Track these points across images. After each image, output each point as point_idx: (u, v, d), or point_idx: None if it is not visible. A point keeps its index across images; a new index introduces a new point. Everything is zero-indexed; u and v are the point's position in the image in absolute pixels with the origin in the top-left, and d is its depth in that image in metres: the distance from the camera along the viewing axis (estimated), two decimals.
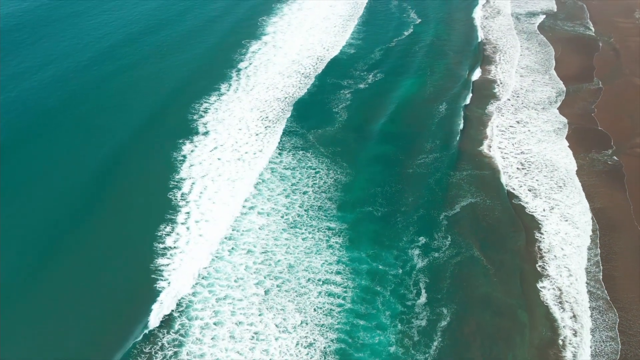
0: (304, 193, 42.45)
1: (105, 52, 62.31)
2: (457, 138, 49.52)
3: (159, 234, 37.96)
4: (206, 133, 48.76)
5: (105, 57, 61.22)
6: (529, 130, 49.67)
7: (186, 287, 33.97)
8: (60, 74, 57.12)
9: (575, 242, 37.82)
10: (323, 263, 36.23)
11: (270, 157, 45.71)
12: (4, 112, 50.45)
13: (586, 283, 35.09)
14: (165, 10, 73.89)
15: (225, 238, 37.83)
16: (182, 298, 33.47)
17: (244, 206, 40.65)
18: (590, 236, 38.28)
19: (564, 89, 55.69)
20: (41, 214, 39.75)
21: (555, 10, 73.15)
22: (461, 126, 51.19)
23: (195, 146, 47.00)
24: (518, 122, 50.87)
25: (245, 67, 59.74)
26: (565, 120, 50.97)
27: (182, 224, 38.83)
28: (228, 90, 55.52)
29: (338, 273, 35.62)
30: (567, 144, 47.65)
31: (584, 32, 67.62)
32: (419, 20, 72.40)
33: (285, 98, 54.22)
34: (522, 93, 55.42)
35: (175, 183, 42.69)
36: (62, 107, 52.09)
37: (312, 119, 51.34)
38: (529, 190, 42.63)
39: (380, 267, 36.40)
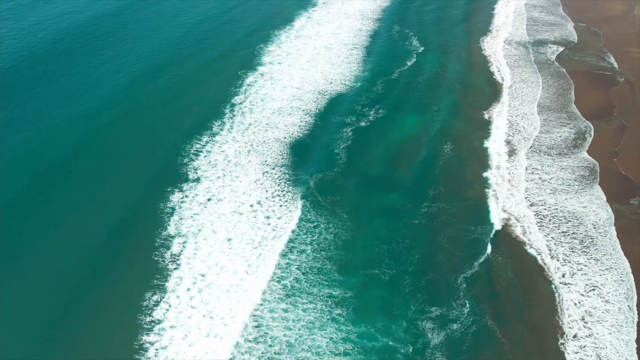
0: (302, 252, 38.97)
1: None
2: (465, 184, 46.18)
3: (144, 304, 34.39)
4: (197, 180, 45.24)
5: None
6: (548, 178, 46.33)
7: None
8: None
9: (607, 318, 34.20)
10: (328, 341, 32.62)
11: (268, 211, 42.13)
12: None
13: None
14: (157, 39, 70.50)
15: None
16: None
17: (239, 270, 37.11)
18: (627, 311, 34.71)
19: (586, 128, 52.31)
20: None
21: (575, 40, 69.59)
22: (469, 169, 47.87)
23: (186, 196, 43.45)
24: (536, 167, 47.50)
25: (241, 103, 56.32)
26: (590, 164, 47.58)
27: (172, 291, 35.23)
28: (221, 129, 52.05)
29: (346, 354, 32.01)
30: (594, 194, 44.10)
31: (597, 63, 64.39)
32: (422, 48, 69.21)
33: (285, 138, 50.79)
34: (539, 133, 51.99)
35: (162, 241, 39.11)
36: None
37: (312, 163, 47.94)
38: (549, 249, 39.19)
39: (390, 343, 32.90)
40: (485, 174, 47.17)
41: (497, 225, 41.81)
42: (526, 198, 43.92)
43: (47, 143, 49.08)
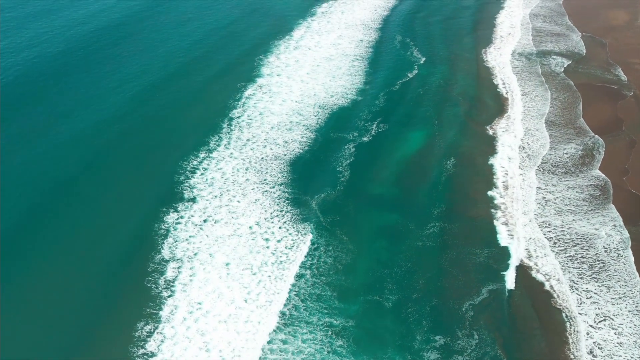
0: (301, 276, 37.52)
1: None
2: (470, 204, 44.78)
3: (137, 335, 32.92)
4: (193, 199, 43.81)
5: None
6: (555, 198, 44.90)
7: None
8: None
9: (620, 353, 32.67)
10: None
11: (267, 233, 40.70)
12: None
13: None
14: (153, 50, 69.17)
15: None
16: None
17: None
18: None
19: (594, 143, 50.89)
20: None
21: (581, 52, 68.01)
22: (474, 188, 46.47)
23: (181, 217, 42.00)
24: (542, 186, 46.07)
25: (239, 117, 54.95)
26: (601, 182, 46.06)
27: (167, 321, 33.74)
28: (219, 145, 50.66)
29: None
30: (607, 214, 42.59)
31: (603, 76, 62.94)
32: (423, 59, 67.88)
33: (284, 155, 49.38)
34: (546, 149, 50.56)
35: (156, 265, 37.66)
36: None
37: (313, 181, 46.52)
38: (557, 274, 37.69)
39: None
40: (490, 193, 45.74)
41: (504, 248, 40.35)
42: (533, 219, 42.43)
43: (46, 163, 47.76)
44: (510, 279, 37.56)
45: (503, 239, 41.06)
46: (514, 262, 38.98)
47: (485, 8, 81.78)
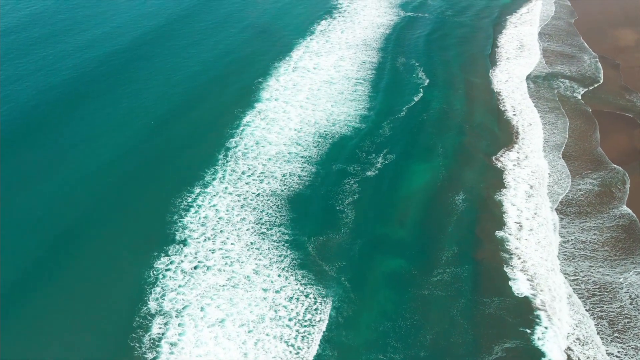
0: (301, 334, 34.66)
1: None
2: (479, 246, 41.98)
3: None
4: (184, 242, 41.01)
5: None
6: (575, 240, 42.06)
7: None
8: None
9: None
10: None
11: (265, 282, 37.86)
12: None
13: None
14: (150, 66, 66.49)
15: None
16: None
17: None
18: None
19: (613, 178, 47.99)
20: None
21: (592, 75, 65.15)
22: (483, 227, 43.70)
23: (171, 262, 39.21)
24: (562, 225, 43.25)
25: (235, 146, 52.19)
26: (626, 221, 43.03)
27: None
28: (214, 178, 47.89)
29: None
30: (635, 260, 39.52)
31: (616, 101, 60.09)
32: (427, 81, 65.08)
33: (282, 191, 46.60)
34: (565, 186, 47.74)
35: (141, 320, 34.83)
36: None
37: (313, 222, 43.67)
38: (575, 331, 34.83)
39: None
40: (500, 234, 42.93)
41: (518, 299, 37.52)
42: (548, 262, 39.57)
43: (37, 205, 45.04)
44: (521, 332, 34.73)
45: (515, 287, 38.22)
46: (527, 312, 36.18)
47: (491, 27, 78.99)
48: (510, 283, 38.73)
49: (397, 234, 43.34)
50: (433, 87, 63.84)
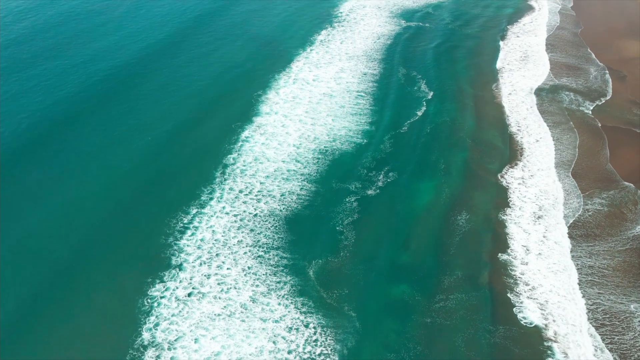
0: None
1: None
2: (486, 270, 40.56)
3: None
4: (180, 266, 39.59)
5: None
6: (584, 265, 40.60)
7: None
8: None
9: None
10: None
11: (264, 311, 36.38)
12: None
13: None
14: (151, 81, 65.11)
15: None
16: None
17: None
18: None
19: (625, 196, 46.52)
20: None
21: (599, 88, 63.61)
22: (488, 249, 42.28)
23: (166, 288, 37.78)
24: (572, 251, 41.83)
25: (233, 163, 50.78)
26: None
27: None
28: (211, 197, 46.47)
29: None
30: None
31: (624, 116, 58.66)
32: (431, 93, 63.68)
33: (281, 211, 45.17)
34: (577, 207, 46.25)
35: (134, 353, 33.42)
36: None
37: (312, 244, 42.28)
38: None
39: None
40: (505, 257, 41.51)
41: (524, 327, 36.09)
42: (562, 289, 38.10)
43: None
44: None
45: (522, 313, 36.82)
46: (536, 343, 34.74)
47: (493, 37, 77.61)
48: (517, 311, 37.27)
49: (399, 257, 41.91)
50: (437, 101, 62.43)
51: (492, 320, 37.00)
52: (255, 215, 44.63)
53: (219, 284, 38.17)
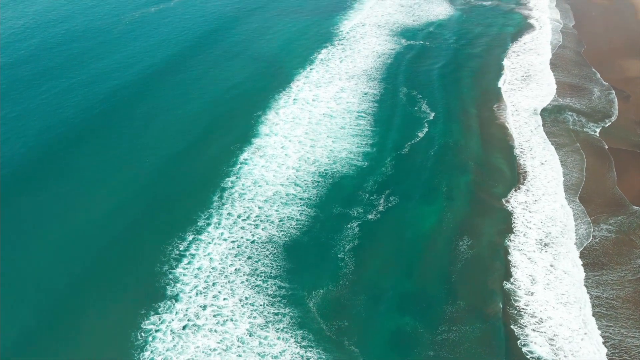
0: None
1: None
2: (490, 300, 39.27)
3: None
4: (176, 297, 38.34)
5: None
6: (596, 296, 39.30)
7: None
8: None
9: None
10: None
11: (261, 346, 35.04)
12: None
13: None
14: (151, 103, 64.35)
15: None
16: None
17: None
18: None
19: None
20: None
21: (604, 109, 62.62)
22: (492, 278, 41.01)
23: (161, 320, 36.49)
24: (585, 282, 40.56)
25: (231, 187, 49.70)
26: None
27: None
28: (208, 223, 45.32)
29: None
30: None
31: (629, 138, 57.62)
32: (432, 114, 62.74)
33: (279, 237, 44.01)
34: (589, 233, 44.99)
35: None
36: None
37: (311, 272, 41.09)
38: None
39: None
40: (509, 286, 40.24)
41: None
42: (573, 323, 36.77)
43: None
44: None
45: (534, 351, 35.42)
46: None
47: (496, 55, 77.00)
48: (523, 344, 35.93)
49: (402, 286, 40.67)
50: (438, 122, 61.51)
51: (496, 354, 35.65)
52: (253, 241, 43.48)
53: (214, 315, 36.90)
